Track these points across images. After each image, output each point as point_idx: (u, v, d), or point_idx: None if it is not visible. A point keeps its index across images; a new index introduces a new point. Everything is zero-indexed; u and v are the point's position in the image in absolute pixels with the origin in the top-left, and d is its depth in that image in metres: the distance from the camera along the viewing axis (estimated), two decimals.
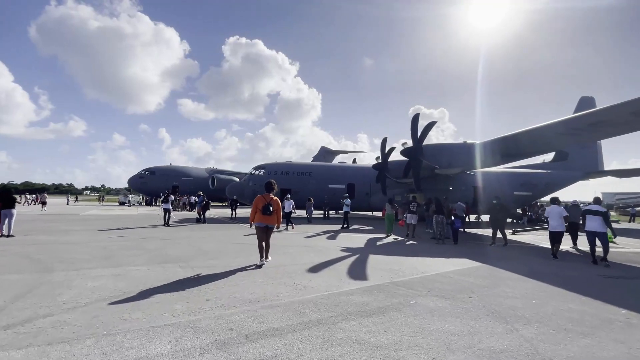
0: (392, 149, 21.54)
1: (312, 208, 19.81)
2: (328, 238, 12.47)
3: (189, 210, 29.31)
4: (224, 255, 8.40)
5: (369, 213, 28.92)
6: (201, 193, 19.26)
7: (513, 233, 15.44)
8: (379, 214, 28.69)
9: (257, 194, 7.59)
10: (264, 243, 7.42)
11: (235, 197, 23.11)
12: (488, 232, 16.60)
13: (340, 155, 51.46)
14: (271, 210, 7.18)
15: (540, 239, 14.26)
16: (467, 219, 15.24)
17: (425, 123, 17.79)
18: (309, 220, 19.27)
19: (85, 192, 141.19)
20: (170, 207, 17.53)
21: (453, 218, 11.87)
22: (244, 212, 23.34)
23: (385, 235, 13.61)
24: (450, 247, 11.19)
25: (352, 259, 8.23)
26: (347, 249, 9.76)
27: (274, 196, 7.50)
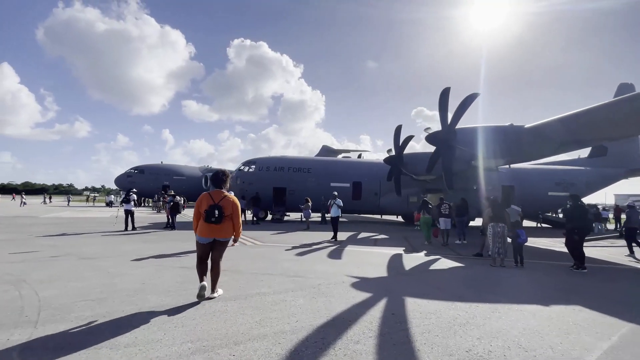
0: (409, 138, 17.39)
1: (310, 211, 15.93)
2: (329, 256, 8.56)
3: None
4: (140, 298, 4.54)
5: (378, 217, 25.08)
6: (172, 192, 15.43)
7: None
8: (389, 217, 24.86)
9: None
10: (209, 265, 4.72)
11: None
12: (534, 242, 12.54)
13: (343, 154, 47.86)
14: (217, 215, 4.47)
15: (615, 253, 10.28)
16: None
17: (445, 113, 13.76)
18: (308, 226, 15.41)
19: (85, 192, 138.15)
20: (133, 209, 14.09)
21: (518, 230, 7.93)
22: None
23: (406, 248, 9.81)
24: (519, 273, 7.30)
25: (378, 314, 4.30)
26: (361, 282, 5.88)
27: (229, 194, 4.75)
